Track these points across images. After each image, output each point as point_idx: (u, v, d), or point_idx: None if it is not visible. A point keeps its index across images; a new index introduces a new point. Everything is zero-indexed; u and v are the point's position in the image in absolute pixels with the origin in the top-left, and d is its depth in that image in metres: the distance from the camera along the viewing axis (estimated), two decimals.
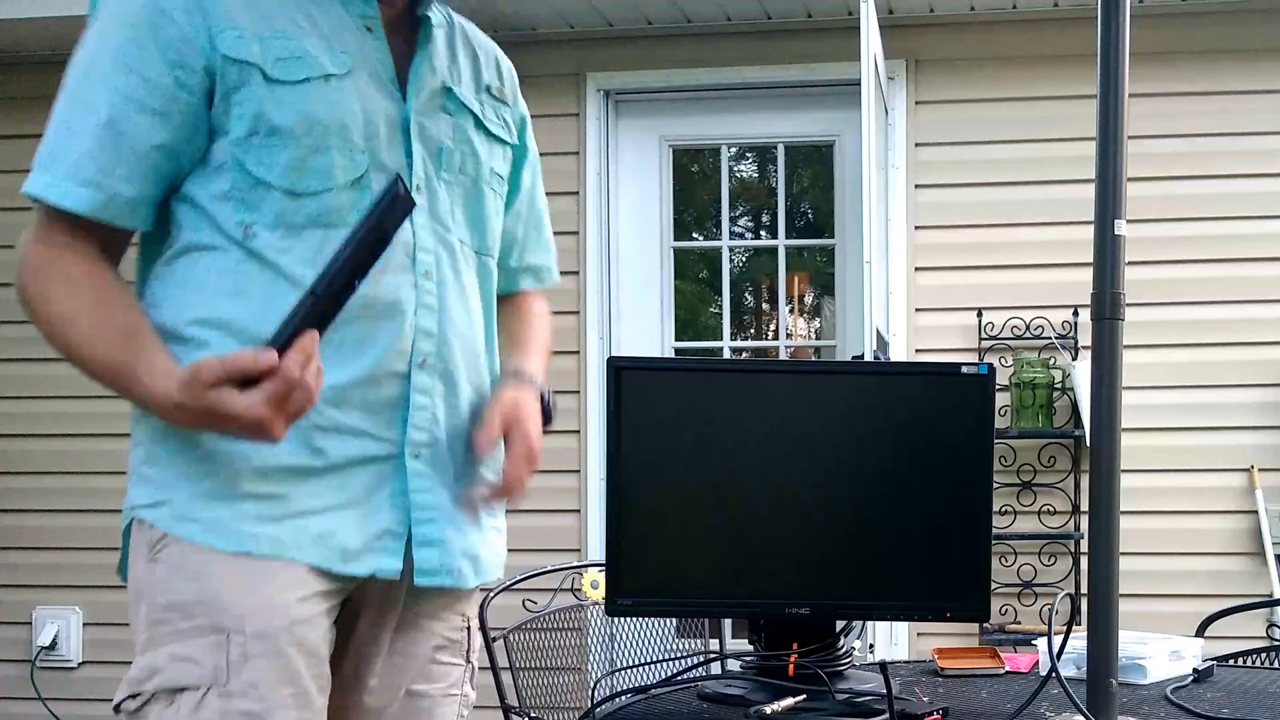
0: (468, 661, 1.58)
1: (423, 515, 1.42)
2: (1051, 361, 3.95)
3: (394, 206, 1.23)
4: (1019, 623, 3.94)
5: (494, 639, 2.40)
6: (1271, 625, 3.81)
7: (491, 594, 2.46)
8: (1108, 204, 1.46)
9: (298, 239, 1.34)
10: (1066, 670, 1.76)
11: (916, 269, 4.08)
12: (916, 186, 4.08)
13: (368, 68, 1.40)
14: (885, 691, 1.64)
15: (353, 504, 1.38)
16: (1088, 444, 3.45)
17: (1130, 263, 1.49)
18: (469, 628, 1.57)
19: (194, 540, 1.33)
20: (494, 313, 1.56)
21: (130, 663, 1.36)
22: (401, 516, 1.41)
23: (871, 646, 3.76)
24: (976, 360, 3.80)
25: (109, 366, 1.30)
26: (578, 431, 4.11)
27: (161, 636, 1.33)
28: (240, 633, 1.32)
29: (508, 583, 2.57)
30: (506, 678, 2.41)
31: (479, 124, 1.51)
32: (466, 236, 1.49)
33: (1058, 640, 1.56)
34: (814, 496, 1.65)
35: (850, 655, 1.71)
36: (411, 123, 1.43)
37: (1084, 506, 3.89)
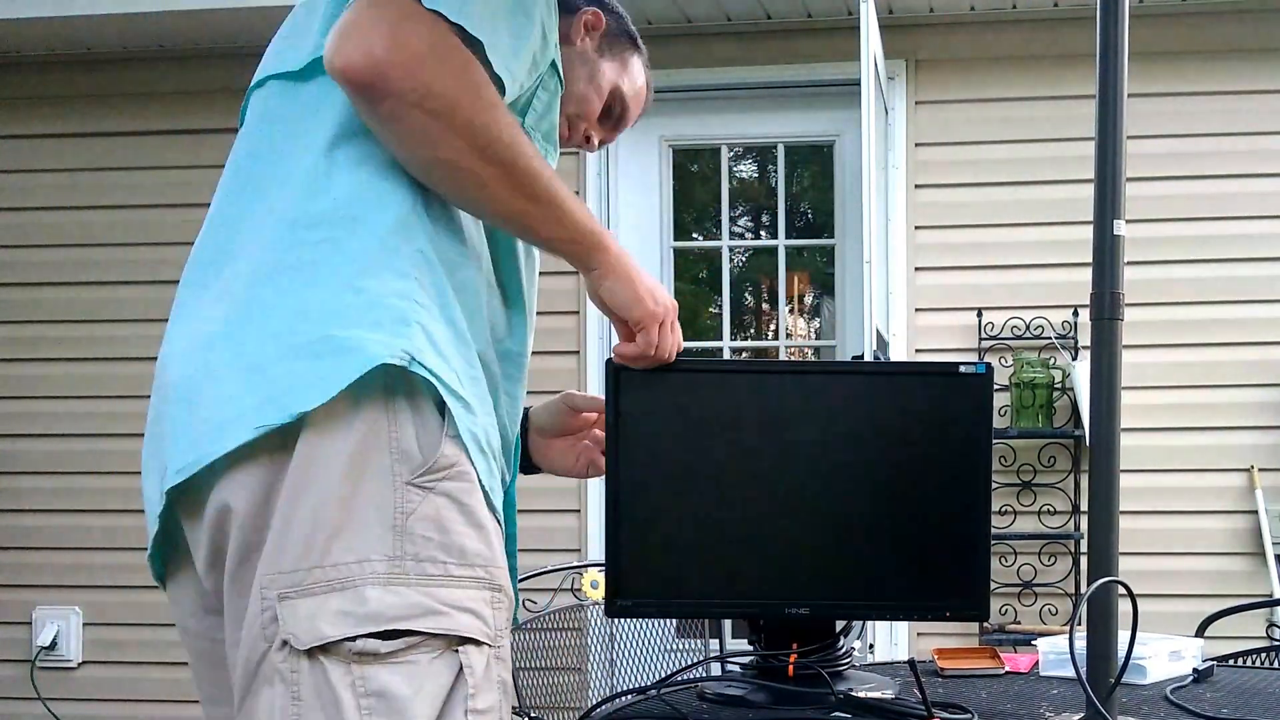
0: None
1: None
2: (1051, 361, 3.95)
3: None
4: (1019, 623, 3.94)
5: None
6: (1271, 625, 3.80)
7: None
8: (1107, 204, 1.46)
9: None
10: (1066, 670, 1.76)
11: (916, 269, 4.07)
12: (916, 186, 4.08)
13: None
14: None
15: None
16: (1088, 444, 3.45)
17: (1130, 263, 1.49)
18: None
19: (487, 485, 1.26)
20: None
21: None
22: None
23: (871, 646, 3.76)
24: (976, 360, 3.80)
25: (581, 214, 1.35)
26: None
27: (426, 575, 1.19)
28: (510, 598, 1.27)
29: None
30: None
31: None
32: None
33: (1076, 640, 1.56)
34: (813, 496, 1.65)
35: (850, 655, 1.71)
36: None
37: (1084, 506, 3.89)
